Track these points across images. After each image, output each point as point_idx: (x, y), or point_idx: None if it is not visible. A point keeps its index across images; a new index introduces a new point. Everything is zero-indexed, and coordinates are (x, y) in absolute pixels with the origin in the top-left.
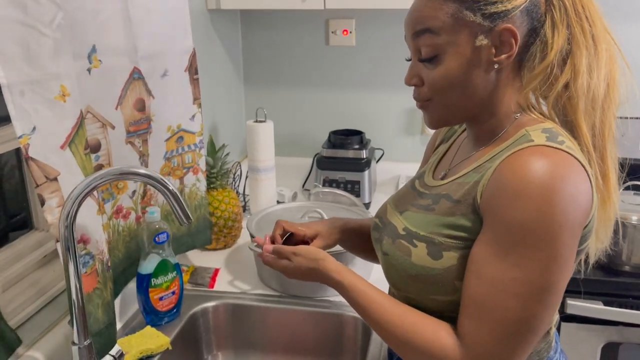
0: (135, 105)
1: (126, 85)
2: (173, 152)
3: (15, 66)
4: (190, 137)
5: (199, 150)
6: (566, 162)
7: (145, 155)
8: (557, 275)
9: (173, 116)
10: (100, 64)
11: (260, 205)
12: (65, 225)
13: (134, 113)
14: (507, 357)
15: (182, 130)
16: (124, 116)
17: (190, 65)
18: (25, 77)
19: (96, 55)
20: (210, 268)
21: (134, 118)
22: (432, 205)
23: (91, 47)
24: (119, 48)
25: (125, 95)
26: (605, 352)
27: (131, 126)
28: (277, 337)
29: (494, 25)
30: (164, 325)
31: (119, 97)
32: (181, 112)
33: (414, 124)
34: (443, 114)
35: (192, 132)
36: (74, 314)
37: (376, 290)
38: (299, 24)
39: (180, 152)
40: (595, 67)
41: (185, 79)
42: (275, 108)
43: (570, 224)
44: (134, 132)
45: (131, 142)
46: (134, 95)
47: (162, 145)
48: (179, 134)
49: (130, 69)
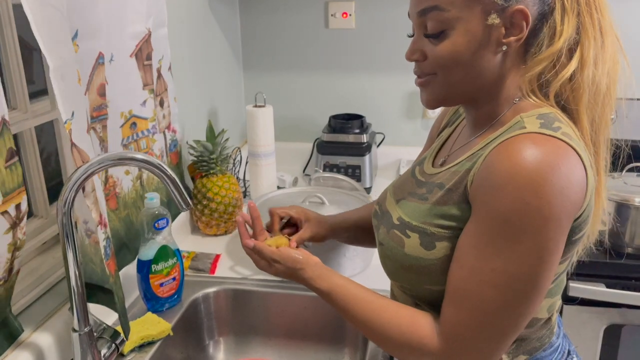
0: (99, 91)
1: (93, 70)
2: (129, 139)
3: (54, 48)
4: (143, 122)
5: (152, 135)
6: (558, 150)
7: (105, 140)
8: (538, 268)
9: (124, 102)
10: (78, 49)
11: (261, 191)
12: (64, 212)
13: (97, 98)
14: (485, 347)
15: (133, 116)
16: (90, 102)
17: (138, 50)
18: (62, 61)
19: (76, 41)
20: (211, 254)
21: (96, 103)
22: (427, 194)
23: (75, 32)
24: (94, 31)
25: (92, 81)
26: (607, 334)
27: (94, 111)
28: (279, 322)
29: (508, 5)
30: (165, 312)
31: (87, 83)
32: (131, 98)
33: (415, 108)
34: (443, 92)
35: (144, 118)
36: (74, 300)
37: (355, 288)
38: (298, 7)
39: (136, 138)
40: (600, 60)
41: (131, 64)
42: (275, 92)
43: (556, 216)
44: (96, 118)
45: (93, 128)
46: (98, 81)
47: (118, 132)
48: (132, 120)
49: (97, 54)
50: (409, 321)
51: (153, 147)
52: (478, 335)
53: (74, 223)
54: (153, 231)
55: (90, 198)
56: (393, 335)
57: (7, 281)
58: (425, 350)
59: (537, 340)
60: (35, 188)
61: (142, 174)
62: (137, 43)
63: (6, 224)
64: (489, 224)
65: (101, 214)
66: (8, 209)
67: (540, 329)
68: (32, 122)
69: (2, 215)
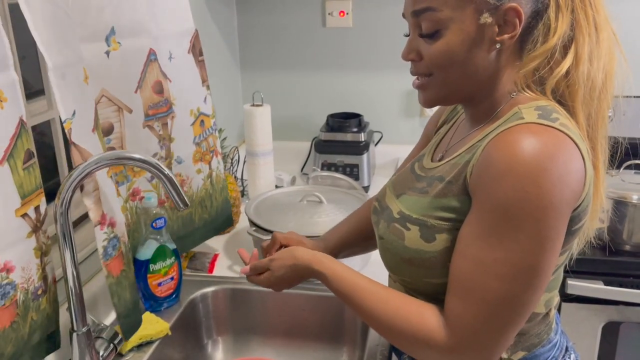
0: (154, 88)
1: (144, 67)
2: (200, 137)
3: (54, 48)
4: (208, 120)
5: (214, 132)
6: (556, 140)
7: (166, 139)
8: (540, 257)
9: (191, 99)
10: (120, 47)
11: (259, 190)
12: (60, 212)
13: (152, 96)
14: (491, 338)
15: (201, 113)
16: (143, 99)
17: (192, 47)
18: (63, 60)
19: (115, 38)
20: (209, 253)
21: (152, 101)
22: (427, 187)
23: (110, 29)
24: (137, 28)
25: (145, 78)
26: (605, 332)
27: (150, 109)
28: (277, 321)
29: (500, 3)
30: (163, 311)
31: (139, 80)
32: (195, 95)
33: (413, 106)
34: (440, 92)
35: (208, 115)
36: (72, 301)
37: (359, 276)
38: (295, 5)
39: (205, 136)
40: (595, 56)
41: (190, 61)
42: (273, 91)
43: (556, 205)
44: (152, 116)
45: (149, 126)
46: (152, 78)
47: (188, 130)
48: (200, 118)
49: (147, 51)
50: (416, 312)
51: (217, 144)
52: (484, 326)
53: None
54: (151, 231)
55: (90, 197)
56: (400, 326)
57: (46, 291)
58: (432, 342)
59: (535, 336)
60: None
61: (212, 173)
62: (189, 39)
63: (27, 227)
64: (490, 214)
65: (104, 214)
66: (28, 212)
67: (539, 325)
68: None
69: (22, 218)
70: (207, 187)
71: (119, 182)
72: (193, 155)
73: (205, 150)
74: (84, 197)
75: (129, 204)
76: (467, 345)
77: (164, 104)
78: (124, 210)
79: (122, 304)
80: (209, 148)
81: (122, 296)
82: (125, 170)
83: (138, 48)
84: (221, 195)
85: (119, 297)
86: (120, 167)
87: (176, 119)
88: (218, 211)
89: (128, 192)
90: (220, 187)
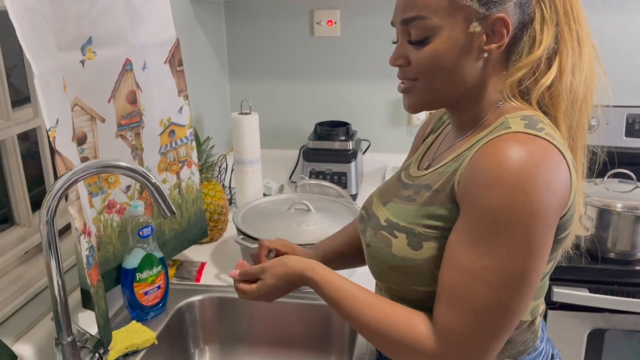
0: (128, 98)
1: (119, 77)
2: (167, 147)
3: (39, 55)
4: (181, 130)
5: (190, 142)
6: (543, 149)
7: (138, 149)
8: (529, 264)
9: (161, 109)
10: (95, 56)
11: (247, 198)
12: (46, 221)
13: (126, 105)
14: (480, 345)
15: (172, 123)
16: (115, 109)
17: (171, 57)
18: (47, 68)
19: (91, 47)
20: (196, 262)
21: (126, 111)
22: (414, 195)
23: (87, 39)
24: (115, 38)
25: (119, 88)
26: (591, 339)
27: (123, 119)
28: (265, 329)
29: (489, 13)
30: (149, 320)
31: (112, 90)
32: (167, 105)
33: (401, 115)
34: (425, 97)
35: (182, 125)
36: (57, 311)
37: (350, 283)
38: (283, 15)
39: (174, 146)
40: (578, 69)
41: (165, 71)
42: (261, 100)
43: (544, 212)
44: (125, 125)
45: (122, 136)
46: (127, 88)
47: (156, 140)
48: (170, 128)
49: (123, 61)
50: (405, 319)
51: (192, 154)
52: (473, 334)
53: (57, 231)
54: (137, 239)
55: (74, 206)
56: (388, 333)
57: None
58: (421, 350)
59: (521, 344)
60: (17, 196)
61: (180, 183)
62: (169, 49)
63: None
64: (479, 222)
65: (85, 223)
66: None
67: (524, 332)
68: (15, 129)
69: None
70: (174, 197)
71: (92, 194)
72: (157, 165)
73: (172, 161)
74: (69, 205)
75: (103, 216)
76: (456, 353)
77: (136, 113)
78: (96, 221)
79: (101, 314)
80: (179, 158)
81: (100, 306)
82: (100, 181)
83: (114, 58)
84: (194, 206)
85: (98, 306)
86: (95, 178)
87: (145, 129)
88: (190, 222)
89: (103, 204)
90: (193, 198)
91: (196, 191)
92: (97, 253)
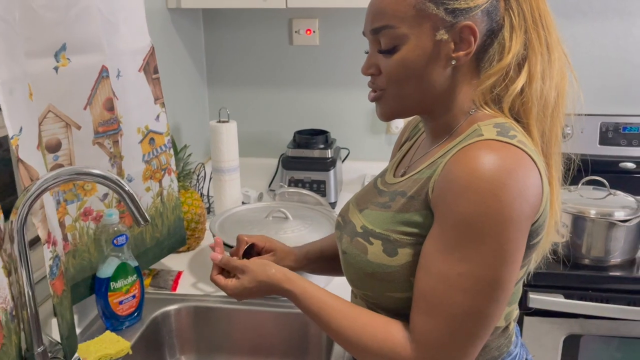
0: (105, 105)
1: (96, 84)
2: (150, 155)
3: (3, 62)
4: (160, 137)
5: (168, 150)
6: (515, 156)
7: (117, 156)
8: (502, 270)
9: (139, 117)
10: (69, 63)
11: (225, 206)
12: (17, 229)
13: (103, 113)
14: (457, 352)
15: (150, 131)
16: (92, 116)
17: (146, 65)
18: (11, 75)
19: (65, 54)
20: (173, 271)
21: (103, 118)
22: (389, 202)
23: (61, 46)
24: (90, 45)
25: (95, 95)
26: (567, 345)
27: (100, 126)
28: (242, 338)
29: (456, 21)
30: (124, 330)
31: (89, 97)
32: (144, 112)
33: (379, 124)
34: (395, 105)
35: (160, 133)
36: (28, 320)
37: (327, 294)
38: (262, 23)
39: (156, 154)
40: (548, 75)
41: (140, 79)
42: (239, 108)
43: (516, 218)
44: (103, 133)
45: (100, 143)
46: (104, 95)
47: (136, 148)
48: (150, 136)
49: (100, 67)
50: (382, 329)
51: (171, 162)
52: (450, 341)
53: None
54: (112, 248)
55: (38, 216)
56: (366, 343)
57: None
58: (398, 357)
59: (495, 349)
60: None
61: (162, 191)
62: (143, 57)
63: None
64: (453, 229)
65: (50, 232)
66: None
67: (499, 338)
68: None
69: None
70: (157, 206)
71: (67, 201)
72: (143, 173)
73: (156, 169)
74: (32, 215)
75: (79, 224)
76: None
77: (114, 121)
78: (72, 229)
79: (64, 325)
80: (161, 166)
81: (65, 316)
82: (75, 188)
83: (89, 65)
84: (173, 214)
85: (62, 317)
86: (70, 185)
87: (124, 137)
88: (170, 230)
89: (79, 212)
90: (173, 206)
91: (175, 199)
92: (72, 261)
